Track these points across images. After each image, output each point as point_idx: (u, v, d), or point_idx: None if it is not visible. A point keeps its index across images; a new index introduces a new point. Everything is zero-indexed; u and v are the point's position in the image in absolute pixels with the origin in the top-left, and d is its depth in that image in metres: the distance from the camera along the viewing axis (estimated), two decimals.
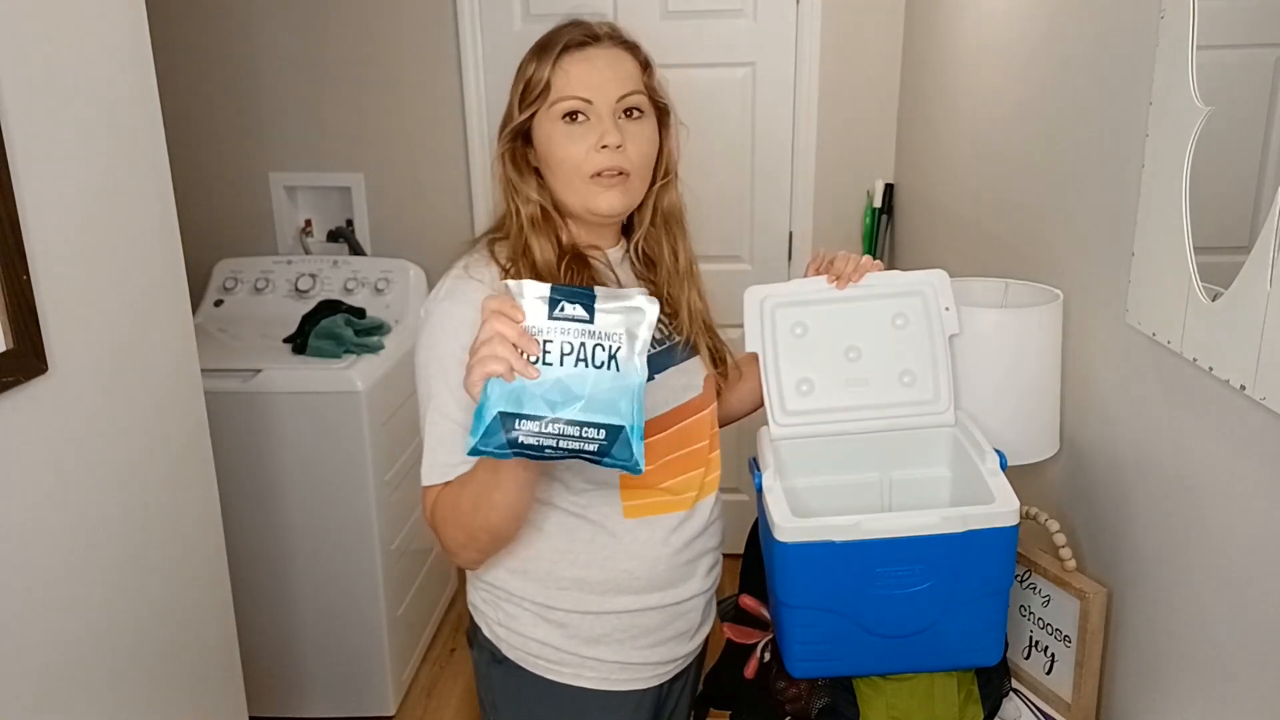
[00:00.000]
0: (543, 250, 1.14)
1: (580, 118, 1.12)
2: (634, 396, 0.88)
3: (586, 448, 0.87)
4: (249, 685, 1.75)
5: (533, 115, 1.15)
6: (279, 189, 2.95)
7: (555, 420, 0.86)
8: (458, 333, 1.06)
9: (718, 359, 1.29)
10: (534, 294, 0.89)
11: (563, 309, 0.88)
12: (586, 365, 0.88)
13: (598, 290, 0.91)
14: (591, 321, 0.89)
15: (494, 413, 0.86)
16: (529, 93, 1.14)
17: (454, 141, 2.88)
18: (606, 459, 0.88)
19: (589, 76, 1.12)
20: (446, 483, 1.09)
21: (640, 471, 0.89)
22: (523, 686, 1.24)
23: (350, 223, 2.98)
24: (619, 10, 2.73)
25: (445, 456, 1.09)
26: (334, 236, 2.98)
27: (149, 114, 1.43)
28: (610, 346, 0.88)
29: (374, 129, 2.89)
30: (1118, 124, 1.25)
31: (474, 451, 0.87)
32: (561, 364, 0.87)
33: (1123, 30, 1.24)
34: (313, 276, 2.75)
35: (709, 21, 2.76)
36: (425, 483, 1.11)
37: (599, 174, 1.12)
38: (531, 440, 0.86)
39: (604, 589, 1.19)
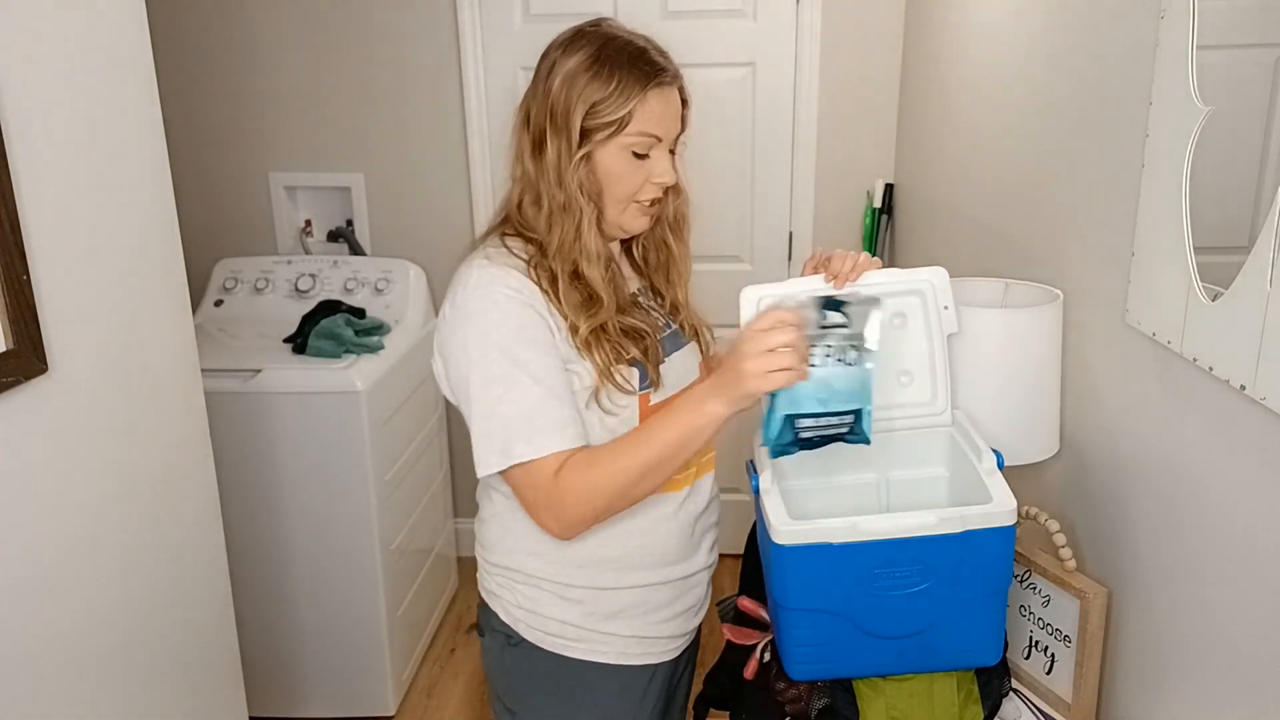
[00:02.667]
0: (598, 257, 1.17)
1: (646, 150, 1.17)
2: (868, 383, 1.01)
3: (841, 432, 1.03)
4: (249, 685, 1.76)
5: (606, 138, 1.15)
6: (279, 189, 2.95)
7: (825, 414, 1.02)
8: (511, 311, 1.11)
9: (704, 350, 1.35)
10: (808, 303, 1.01)
11: (827, 317, 1.00)
12: (841, 362, 1.01)
13: (848, 293, 1.03)
14: (849, 325, 1.01)
15: (782, 415, 1.01)
16: (600, 114, 1.13)
17: (454, 141, 2.88)
18: (849, 437, 1.04)
19: (665, 116, 1.17)
20: (569, 455, 1.10)
21: (869, 442, 1.07)
22: (540, 666, 1.27)
23: (350, 223, 2.98)
24: (619, 10, 2.73)
25: (544, 422, 1.10)
26: (334, 236, 2.98)
27: (149, 114, 1.43)
28: (860, 344, 1.00)
29: (374, 129, 2.89)
30: (1118, 124, 1.25)
31: (774, 453, 1.05)
32: (823, 363, 1.00)
33: (1123, 30, 1.24)
34: (313, 276, 2.75)
35: (709, 21, 2.76)
36: (549, 450, 1.10)
37: (644, 200, 1.20)
38: (810, 435, 1.03)
39: (619, 565, 1.23)
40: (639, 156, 1.16)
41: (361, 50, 2.82)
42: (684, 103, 1.22)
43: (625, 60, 1.14)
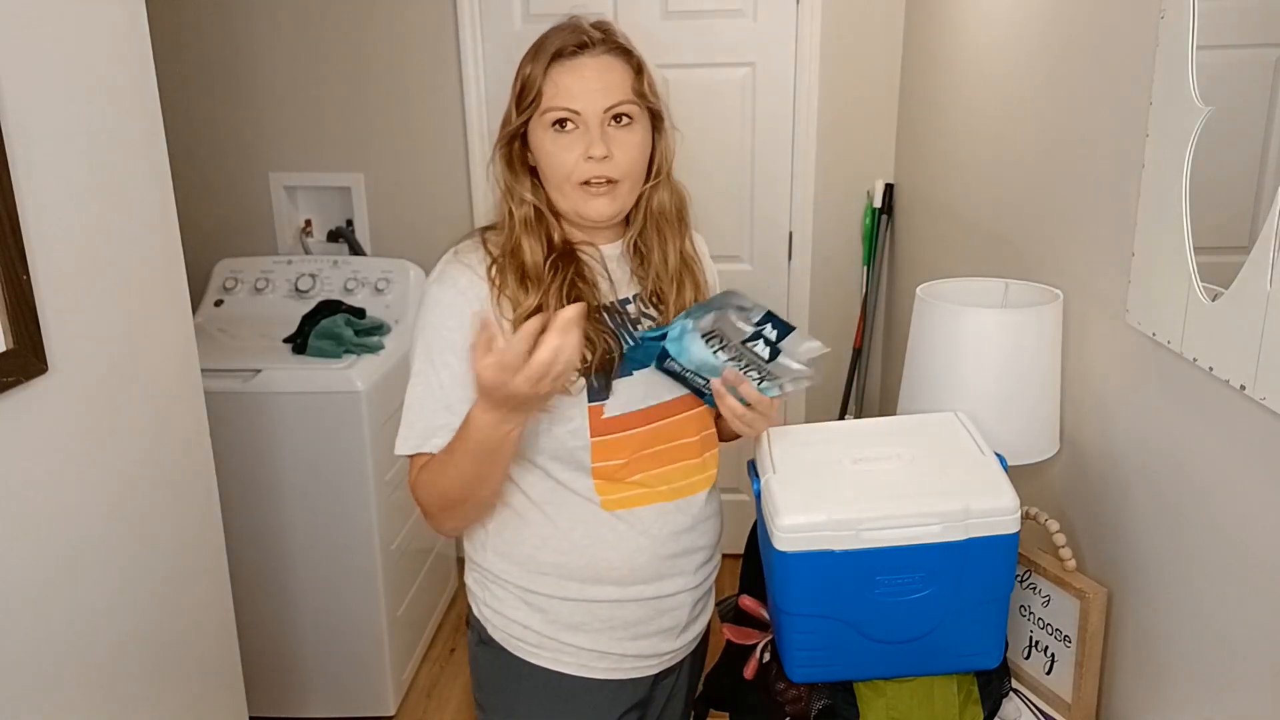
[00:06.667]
0: (532, 251, 1.18)
1: (569, 126, 1.14)
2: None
3: (696, 385, 1.17)
4: (249, 685, 1.76)
5: (527, 120, 1.17)
6: (279, 189, 2.95)
7: (689, 372, 1.15)
8: (441, 313, 1.16)
9: None
10: (741, 316, 1.16)
11: (750, 346, 1.15)
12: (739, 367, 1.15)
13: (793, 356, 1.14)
14: (763, 363, 1.15)
15: (661, 345, 1.14)
16: (523, 97, 1.16)
17: (454, 141, 2.88)
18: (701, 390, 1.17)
19: (577, 87, 1.13)
20: (430, 457, 1.16)
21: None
22: (505, 668, 1.27)
23: (350, 223, 2.98)
24: (619, 11, 2.73)
25: (420, 425, 1.16)
26: (334, 236, 2.98)
27: (149, 114, 1.43)
28: (764, 375, 1.15)
29: (374, 129, 2.89)
30: (1118, 124, 1.25)
31: (644, 338, 1.18)
32: (722, 357, 1.14)
33: (1123, 30, 1.24)
34: (313, 276, 2.75)
35: (709, 21, 2.76)
36: (399, 451, 1.18)
37: (587, 182, 1.15)
38: (669, 369, 1.16)
39: (584, 577, 1.21)
40: (558, 131, 1.14)
41: (362, 50, 2.82)
42: (637, 72, 1.18)
43: (545, 38, 1.16)
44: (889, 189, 2.81)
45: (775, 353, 1.13)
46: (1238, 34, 1.01)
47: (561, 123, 1.14)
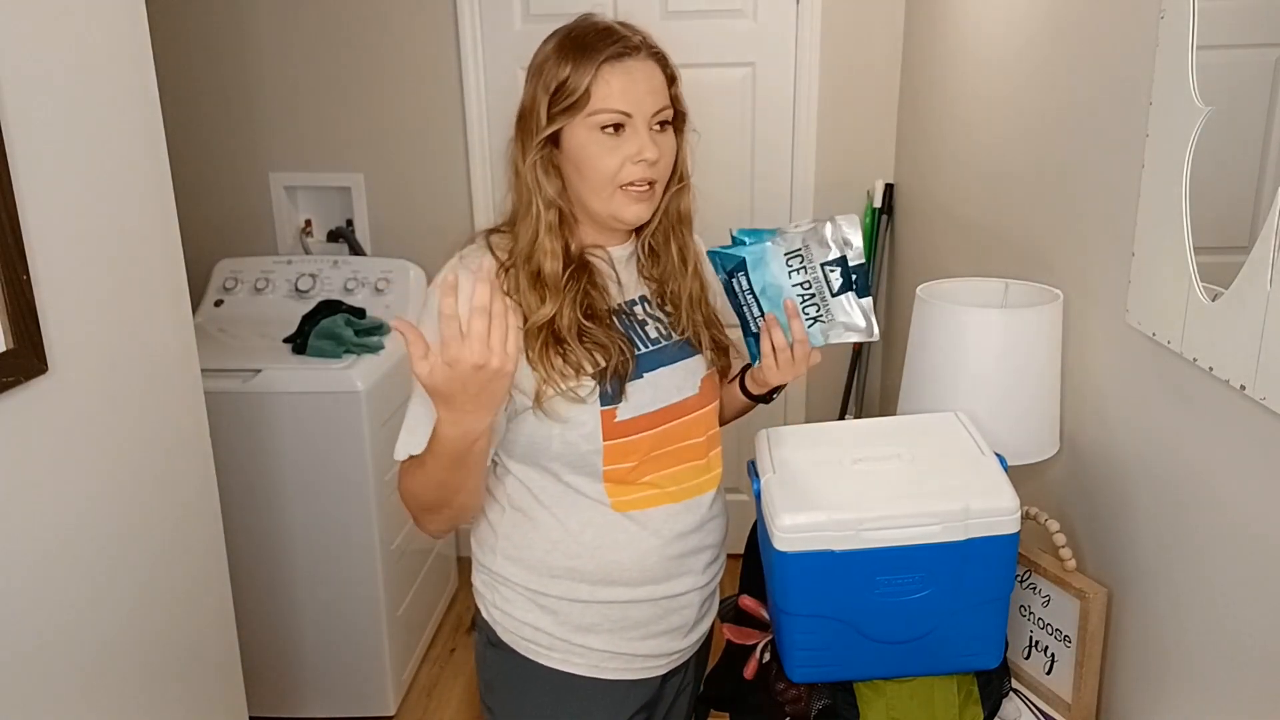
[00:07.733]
0: (553, 257, 1.16)
1: (620, 129, 1.14)
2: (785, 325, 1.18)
3: (744, 310, 1.20)
4: (249, 685, 1.76)
5: (571, 120, 1.14)
6: (279, 189, 2.95)
7: (749, 292, 1.18)
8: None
9: (720, 349, 1.29)
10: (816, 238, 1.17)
11: (828, 271, 1.16)
12: (804, 300, 1.17)
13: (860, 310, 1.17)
14: (822, 299, 1.17)
15: (744, 253, 1.17)
16: (562, 97, 1.13)
17: (454, 141, 2.88)
18: (746, 315, 1.19)
19: (630, 90, 1.13)
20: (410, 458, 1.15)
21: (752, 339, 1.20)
22: (515, 669, 1.27)
23: (350, 223, 2.98)
24: (619, 10, 2.73)
25: (421, 431, 1.13)
26: (334, 236, 2.98)
27: (149, 114, 1.43)
28: (822, 315, 1.18)
29: (374, 129, 2.89)
30: (1118, 124, 1.25)
31: (737, 240, 1.18)
32: (795, 289, 1.17)
33: (1123, 30, 1.24)
34: (313, 276, 2.75)
35: (709, 21, 2.76)
36: (396, 456, 1.17)
37: (630, 184, 1.15)
38: (732, 285, 1.19)
39: (595, 579, 1.21)
40: (609, 134, 1.13)
41: (362, 50, 2.82)
42: (671, 80, 1.19)
43: (583, 40, 1.14)
44: (889, 189, 2.81)
45: (844, 290, 1.14)
46: (1238, 34, 1.01)
47: (613, 125, 1.13)
